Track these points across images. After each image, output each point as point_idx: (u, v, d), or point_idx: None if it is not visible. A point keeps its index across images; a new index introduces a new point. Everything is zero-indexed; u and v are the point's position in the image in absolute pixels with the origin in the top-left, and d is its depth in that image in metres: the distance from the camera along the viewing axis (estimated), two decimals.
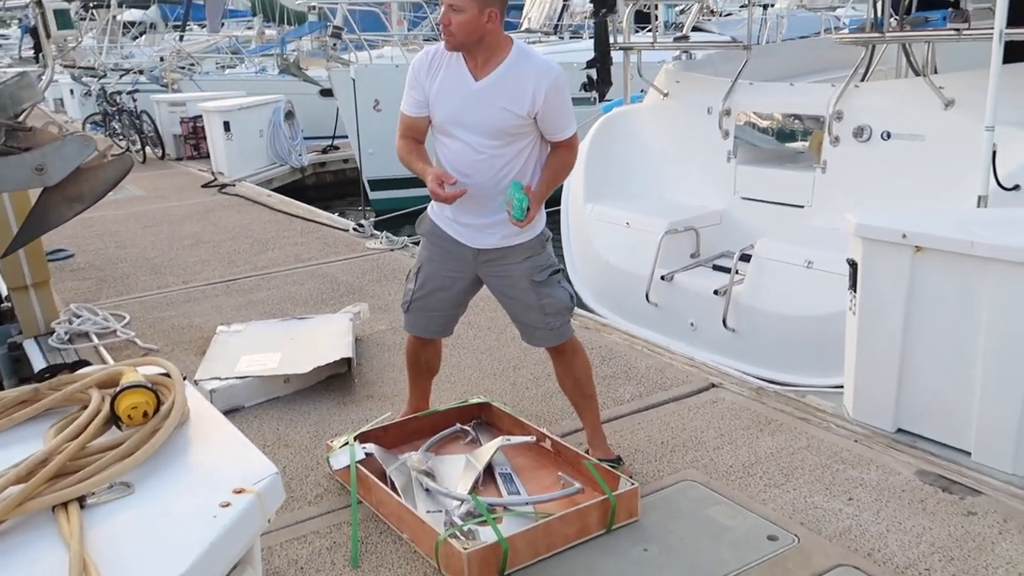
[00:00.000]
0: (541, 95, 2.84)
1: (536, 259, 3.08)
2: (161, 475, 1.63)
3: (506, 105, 2.86)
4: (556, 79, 2.87)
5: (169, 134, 12.65)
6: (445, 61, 2.93)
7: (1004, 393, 3.14)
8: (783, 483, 3.15)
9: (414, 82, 2.98)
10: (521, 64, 2.88)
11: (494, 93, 2.87)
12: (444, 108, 2.94)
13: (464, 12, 2.76)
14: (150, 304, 5.56)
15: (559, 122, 2.95)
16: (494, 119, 2.88)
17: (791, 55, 7.71)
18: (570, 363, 3.22)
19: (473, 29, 2.79)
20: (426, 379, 3.53)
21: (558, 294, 3.10)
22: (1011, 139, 4.44)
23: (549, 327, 3.10)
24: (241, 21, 25.17)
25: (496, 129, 2.90)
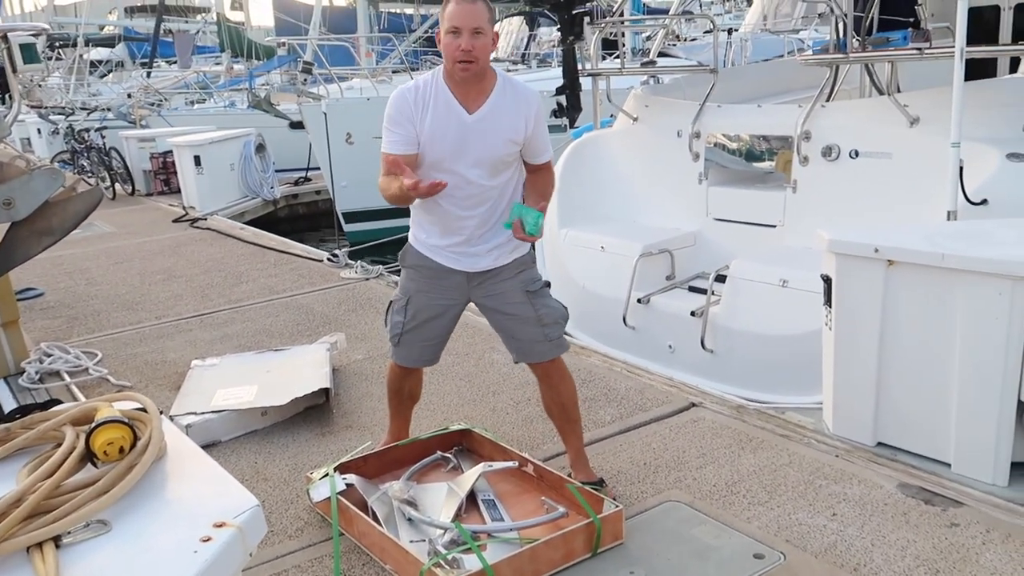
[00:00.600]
0: (531, 120, 2.89)
1: (528, 272, 3.11)
2: (139, 512, 1.58)
3: (507, 134, 2.88)
4: (539, 104, 2.94)
5: (139, 170, 12.57)
6: (432, 96, 2.87)
7: (980, 404, 3.16)
8: (767, 500, 3.14)
9: (400, 120, 2.88)
10: (509, 91, 2.90)
11: (492, 124, 2.87)
12: (440, 146, 2.88)
13: (487, 35, 2.77)
14: (122, 341, 5.49)
15: (542, 144, 3.00)
16: (494, 150, 2.88)
17: (757, 77, 7.82)
18: (558, 386, 3.19)
19: (489, 52, 2.81)
20: (408, 407, 3.49)
21: (553, 304, 3.11)
22: (977, 154, 4.52)
23: (548, 338, 3.08)
24: (209, 57, 25.18)
25: (495, 159, 2.90)
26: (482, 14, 2.75)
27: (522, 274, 3.09)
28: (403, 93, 2.92)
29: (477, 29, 2.73)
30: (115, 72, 24.52)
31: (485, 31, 2.75)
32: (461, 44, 2.73)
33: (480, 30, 2.74)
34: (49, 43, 19.41)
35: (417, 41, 20.27)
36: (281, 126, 13.10)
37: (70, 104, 15.39)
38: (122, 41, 27.51)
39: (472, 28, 2.72)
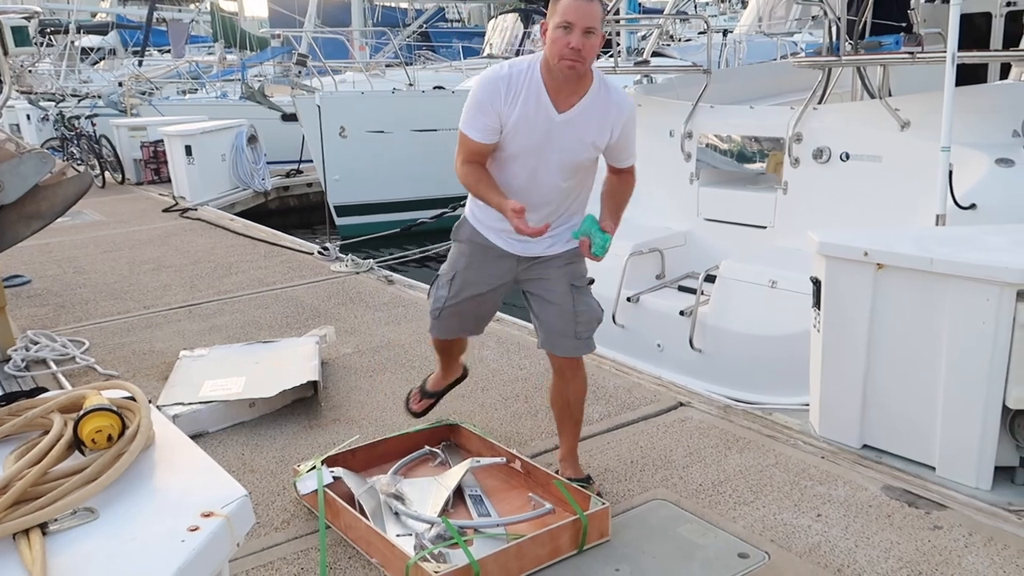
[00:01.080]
0: (619, 127, 2.82)
1: (577, 266, 3.06)
2: (126, 500, 1.58)
3: (591, 138, 2.82)
4: (632, 112, 2.87)
5: (129, 159, 12.50)
6: (524, 88, 2.77)
7: (965, 408, 3.19)
8: (752, 500, 3.16)
9: (486, 107, 2.78)
10: (603, 95, 2.82)
11: (579, 126, 2.80)
12: (523, 139, 2.80)
13: (597, 36, 2.68)
14: (110, 330, 5.46)
15: (628, 150, 2.93)
16: (576, 152, 2.83)
17: (750, 79, 7.84)
18: (570, 382, 3.14)
19: (595, 54, 2.72)
20: (455, 356, 3.51)
21: (592, 304, 3.08)
22: (966, 159, 4.55)
23: (577, 336, 3.04)
24: (202, 46, 25.06)
25: (575, 162, 2.86)
26: (596, 14, 2.66)
27: (570, 267, 3.04)
28: (495, 80, 2.79)
29: (590, 28, 2.63)
30: (107, 60, 24.38)
31: (596, 31, 2.66)
32: (571, 42, 2.62)
33: (592, 30, 2.64)
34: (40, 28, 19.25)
35: (411, 35, 20.22)
36: (274, 118, 13.06)
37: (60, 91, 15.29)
38: (114, 28, 27.35)
39: (585, 27, 2.62)
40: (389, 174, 11.04)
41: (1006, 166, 4.70)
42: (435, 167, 11.06)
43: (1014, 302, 3.02)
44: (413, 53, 19.66)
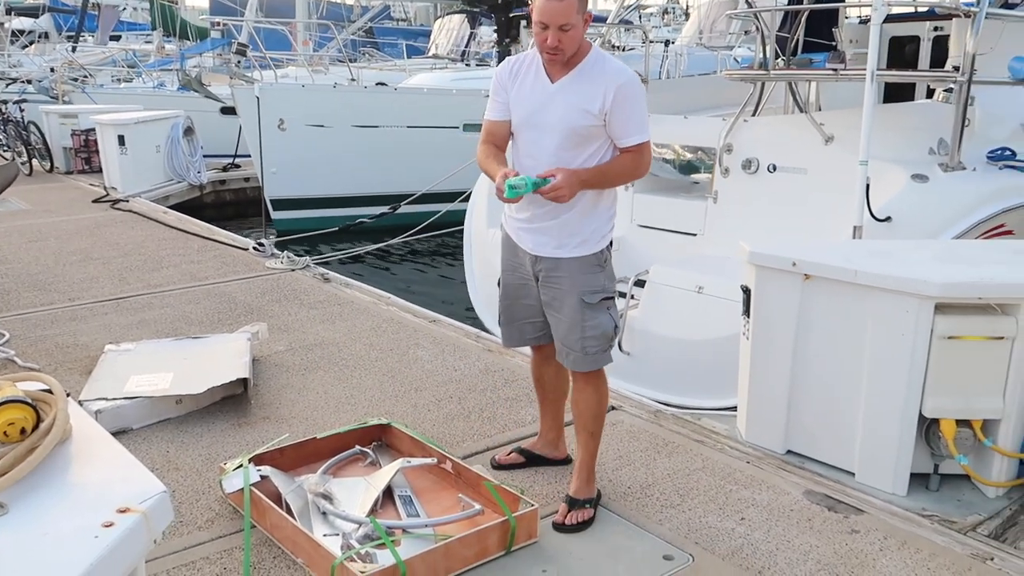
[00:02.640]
0: (611, 95, 2.82)
1: (591, 279, 2.99)
2: (39, 495, 1.54)
3: (579, 103, 2.85)
4: (628, 81, 2.85)
5: (59, 147, 12.12)
6: (526, 67, 2.98)
7: (883, 416, 3.29)
8: (679, 503, 3.21)
9: (498, 88, 3.01)
10: (597, 65, 2.89)
11: (569, 91, 2.88)
12: (521, 109, 2.96)
13: (575, 27, 2.78)
14: (32, 322, 5.29)
15: (626, 126, 2.89)
16: (567, 118, 2.87)
17: (687, 90, 7.98)
18: (582, 391, 3.10)
19: (579, 39, 2.82)
20: (550, 399, 3.39)
21: (603, 320, 3.01)
22: (884, 173, 4.71)
23: (585, 351, 3.00)
24: (140, 35, 24.46)
25: (567, 128, 2.88)
26: (568, 11, 2.75)
27: (584, 280, 2.97)
28: (504, 64, 3.05)
29: (564, 25, 2.75)
30: (38, 44, 23.62)
31: (573, 24, 2.77)
32: (548, 39, 2.78)
33: (567, 26, 2.76)
34: None
35: (356, 32, 20.05)
36: (212, 110, 12.81)
37: None
38: (47, 12, 26.52)
39: (559, 24, 2.75)
40: (328, 169, 10.92)
41: (921, 181, 4.88)
42: (375, 163, 10.99)
43: (932, 314, 3.13)
44: (357, 50, 19.50)
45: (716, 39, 15.52)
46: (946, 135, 5.15)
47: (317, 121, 10.78)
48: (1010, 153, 5.40)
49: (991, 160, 5.37)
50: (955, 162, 5.05)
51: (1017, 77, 5.09)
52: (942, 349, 3.15)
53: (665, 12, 28.03)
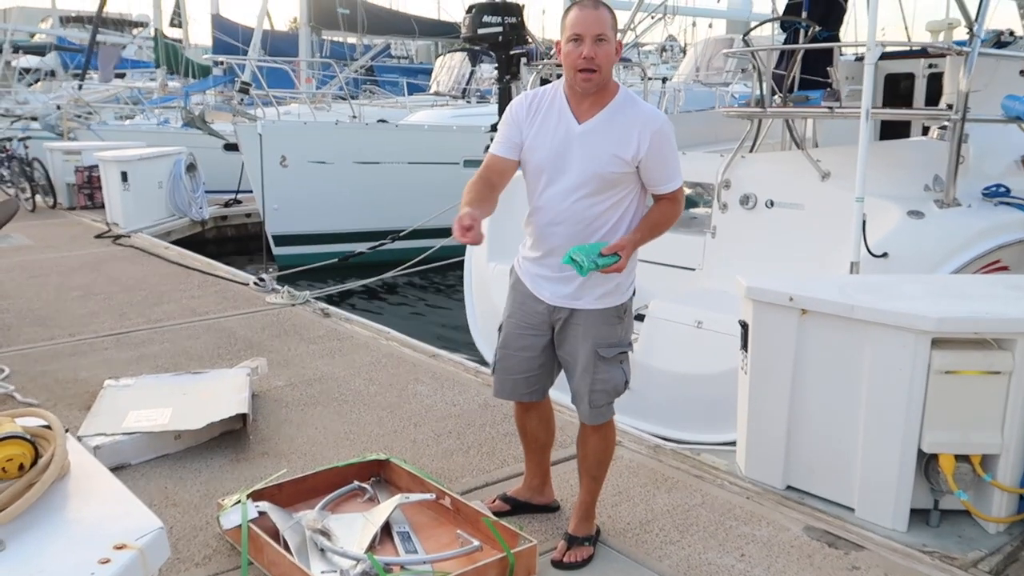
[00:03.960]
0: (646, 141, 2.69)
1: (610, 331, 2.90)
2: (36, 531, 1.54)
3: (612, 149, 2.71)
4: (663, 126, 2.73)
5: (62, 183, 12.21)
6: (546, 104, 2.81)
7: (883, 451, 3.28)
8: (678, 540, 3.20)
9: (510, 121, 2.83)
10: (628, 108, 2.75)
11: (600, 136, 2.73)
12: (542, 151, 2.79)
13: (610, 42, 2.64)
14: (33, 357, 5.30)
15: (663, 172, 2.78)
16: (596, 163, 2.72)
17: (685, 126, 8.04)
18: (589, 437, 3.05)
19: (612, 61, 2.67)
20: (534, 449, 3.28)
21: (614, 375, 2.93)
22: (880, 210, 4.75)
23: (591, 404, 2.93)
24: (144, 72, 24.71)
25: (595, 175, 2.73)
26: (606, 20, 2.64)
27: (600, 331, 2.88)
28: (521, 97, 2.87)
29: (600, 36, 2.62)
30: (44, 81, 23.86)
31: (608, 38, 2.64)
32: (583, 51, 2.63)
33: (603, 36, 2.62)
34: None
35: (358, 70, 20.27)
36: (216, 147, 12.92)
37: None
38: (54, 50, 26.82)
39: (595, 35, 2.62)
40: (329, 205, 10.99)
41: (917, 218, 4.91)
42: (376, 199, 11.05)
43: (929, 349, 3.14)
44: (359, 87, 19.70)
45: (713, 76, 15.70)
46: (941, 172, 5.19)
47: (319, 158, 10.87)
48: (1005, 190, 5.44)
49: (986, 197, 5.41)
50: (950, 199, 5.09)
51: (1010, 115, 5.15)
52: (940, 384, 3.15)
53: (663, 50, 28.35)
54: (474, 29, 12.43)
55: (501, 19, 11.33)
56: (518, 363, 3.03)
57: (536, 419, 3.22)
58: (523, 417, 3.23)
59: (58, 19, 34.91)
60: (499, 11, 12.21)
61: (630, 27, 8.33)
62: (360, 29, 19.09)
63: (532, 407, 3.17)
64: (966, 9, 5.26)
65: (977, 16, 5.20)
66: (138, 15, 35.73)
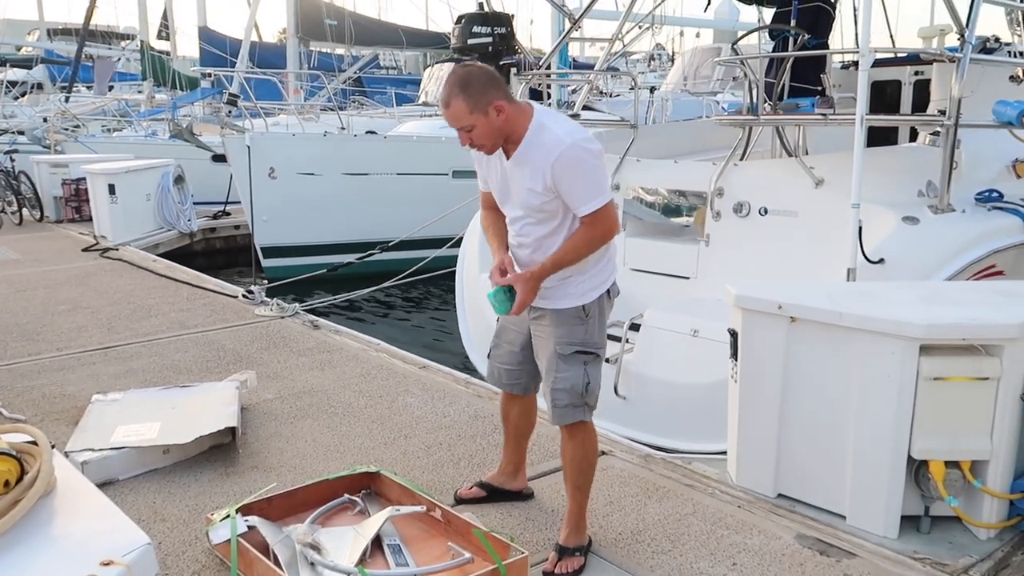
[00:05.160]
0: (549, 171, 2.81)
1: (570, 331, 3.00)
2: (22, 548, 1.53)
3: (527, 183, 2.89)
4: (564, 152, 2.79)
5: (49, 196, 12.17)
6: None
7: (873, 458, 3.29)
8: (670, 549, 3.19)
9: (475, 161, 3.13)
10: (535, 139, 2.87)
11: (518, 171, 2.92)
12: (493, 186, 3.09)
13: (478, 124, 2.82)
14: (19, 372, 5.26)
15: (574, 197, 2.86)
16: (522, 196, 2.93)
17: (675, 135, 8.08)
18: (566, 443, 3.10)
19: (494, 130, 2.84)
20: (513, 437, 3.49)
21: (572, 375, 2.99)
22: (875, 216, 4.76)
23: (553, 403, 3.03)
24: (132, 84, 24.67)
25: (527, 205, 2.94)
26: (460, 114, 2.80)
27: (561, 331, 3.00)
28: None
29: (464, 128, 2.83)
30: (31, 94, 23.78)
31: (473, 123, 2.81)
32: (463, 140, 2.89)
33: (467, 127, 2.82)
34: None
35: (346, 81, 20.29)
36: (204, 158, 12.89)
37: None
38: (40, 63, 26.75)
39: (459, 128, 2.84)
40: (318, 217, 10.97)
41: (912, 224, 4.92)
42: (365, 210, 11.04)
43: (917, 356, 3.15)
44: (348, 98, 19.70)
45: (700, 85, 15.76)
46: (934, 178, 5.22)
47: (307, 169, 10.86)
48: (997, 195, 5.48)
49: (979, 202, 5.45)
50: (944, 204, 5.11)
51: (1001, 120, 5.18)
52: (929, 390, 3.16)
53: (651, 59, 28.46)
54: (464, 39, 12.49)
55: (491, 29, 11.39)
56: (504, 354, 3.27)
57: (518, 410, 3.42)
58: (507, 406, 3.44)
59: (45, 32, 34.85)
60: (489, 22, 12.27)
61: (618, 36, 8.36)
62: (348, 40, 19.12)
63: (516, 399, 3.38)
64: (957, 15, 5.30)
65: (968, 22, 5.24)
66: (125, 27, 35.70)
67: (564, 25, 10.09)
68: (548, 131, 2.87)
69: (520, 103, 2.93)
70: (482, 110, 2.79)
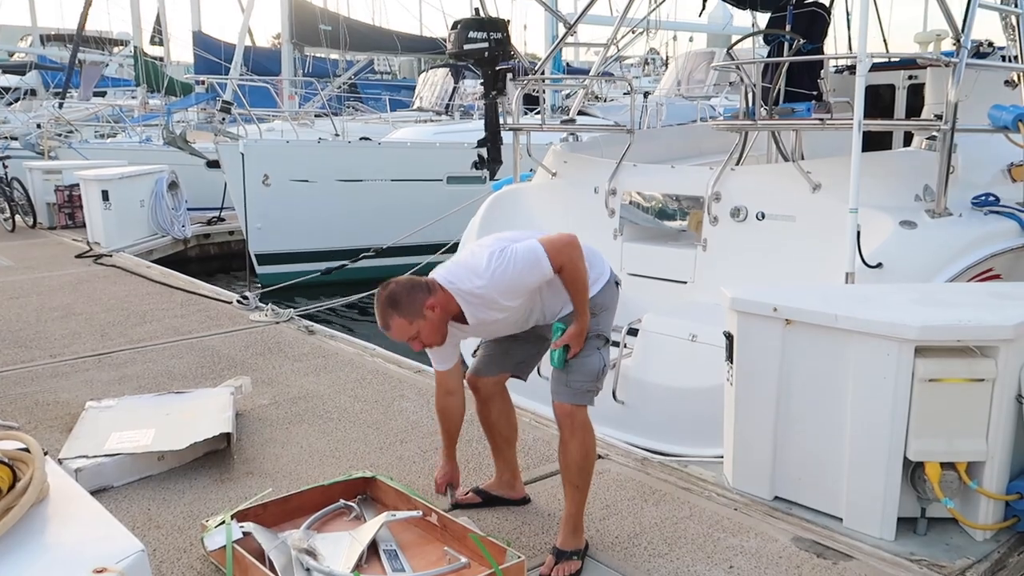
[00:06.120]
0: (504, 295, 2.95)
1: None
2: (15, 556, 1.52)
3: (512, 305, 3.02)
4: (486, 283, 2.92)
5: (42, 202, 12.13)
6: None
7: (869, 460, 3.29)
8: (667, 552, 3.18)
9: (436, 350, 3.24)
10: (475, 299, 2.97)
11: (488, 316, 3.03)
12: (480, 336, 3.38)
13: (420, 334, 2.95)
14: (12, 379, 5.24)
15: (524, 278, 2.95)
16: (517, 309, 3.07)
17: (671, 139, 8.09)
18: (567, 442, 3.08)
19: (438, 325, 2.97)
20: (500, 445, 3.51)
21: (590, 358, 3.07)
22: (873, 220, 4.76)
23: (570, 385, 3.05)
24: (125, 90, 24.64)
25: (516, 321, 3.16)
26: (403, 328, 2.92)
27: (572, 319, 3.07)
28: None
29: (412, 338, 2.95)
30: (23, 100, 23.73)
31: (416, 332, 2.94)
32: (414, 347, 3.04)
33: (412, 337, 2.95)
34: None
35: (341, 87, 20.28)
36: (198, 164, 12.86)
37: None
38: (34, 69, 26.70)
39: (403, 340, 2.97)
40: (312, 223, 10.96)
41: (909, 228, 4.93)
42: (360, 217, 11.03)
43: (912, 358, 3.15)
44: (343, 104, 19.69)
45: (694, 89, 15.81)
46: (931, 182, 5.22)
47: (301, 176, 10.85)
48: (994, 198, 5.49)
49: (976, 206, 5.46)
50: (942, 208, 5.12)
51: (997, 124, 5.19)
52: (924, 392, 3.16)
53: (645, 63, 28.52)
54: (460, 45, 12.45)
55: (487, 35, 11.36)
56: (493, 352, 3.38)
57: (496, 411, 3.43)
58: (482, 410, 3.43)
59: (38, 37, 34.78)
60: (485, 27, 12.24)
61: (613, 41, 8.36)
62: (342, 46, 19.09)
63: (490, 399, 3.40)
64: (953, 20, 5.31)
65: (963, 27, 5.25)
66: (118, 33, 35.61)
67: (558, 30, 10.11)
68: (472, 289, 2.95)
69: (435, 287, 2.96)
70: (420, 315, 2.92)
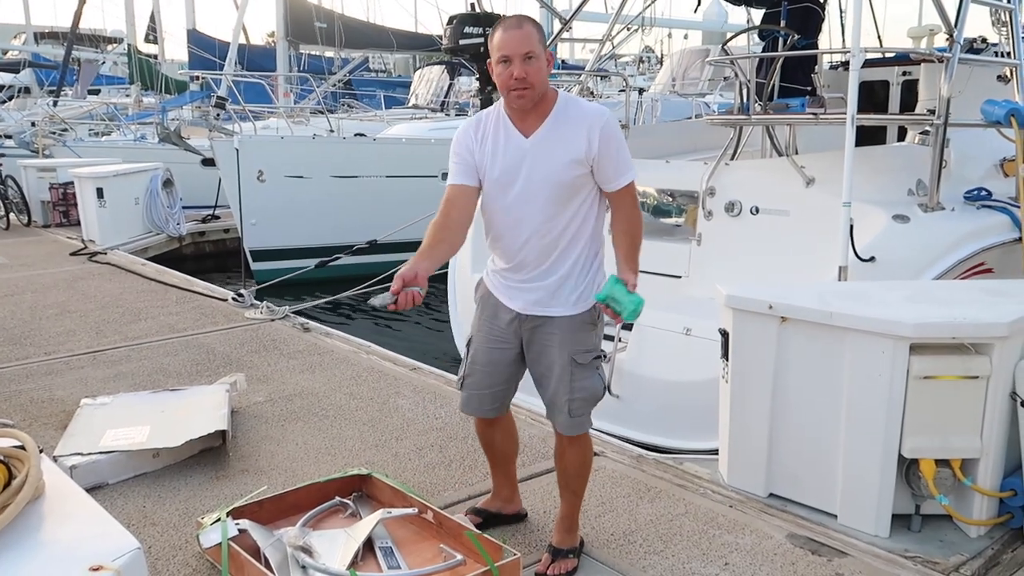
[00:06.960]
0: (596, 138, 2.68)
1: (584, 337, 2.87)
2: (10, 554, 1.51)
3: (566, 156, 2.70)
4: (609, 120, 2.71)
5: (37, 200, 12.10)
6: (491, 126, 2.80)
7: (863, 457, 3.29)
8: (662, 549, 3.19)
9: (459, 149, 2.82)
10: (571, 111, 2.74)
11: (549, 143, 2.72)
12: (495, 171, 2.78)
13: (539, 59, 2.65)
14: (6, 377, 5.23)
15: (616, 167, 2.74)
16: (554, 173, 2.71)
17: (666, 135, 8.09)
18: (565, 451, 3.01)
19: (544, 75, 2.68)
20: (501, 462, 3.29)
21: (593, 383, 2.90)
22: (866, 215, 4.78)
23: (571, 413, 2.89)
24: (119, 88, 24.57)
25: (555, 184, 2.72)
26: (531, 37, 2.64)
27: (576, 338, 2.85)
28: (464, 126, 2.86)
29: (528, 54, 2.62)
30: (18, 98, 23.65)
31: (537, 54, 2.64)
32: (514, 72, 2.64)
33: (531, 54, 2.63)
34: None
35: (336, 84, 20.24)
36: (193, 162, 12.83)
37: None
38: (28, 67, 26.61)
39: (523, 54, 2.62)
40: (307, 219, 10.95)
41: (902, 222, 4.95)
42: (354, 213, 11.01)
43: (907, 355, 3.15)
44: (338, 101, 19.66)
45: (689, 86, 15.82)
46: (924, 176, 5.24)
47: (296, 172, 10.83)
48: (986, 193, 5.52)
49: (968, 200, 5.48)
50: (934, 202, 5.14)
51: (990, 119, 5.21)
52: (919, 389, 3.17)
53: (640, 60, 28.52)
54: (455, 40, 12.44)
55: (483, 30, 11.34)
56: (484, 378, 3.02)
57: (501, 433, 3.22)
58: (487, 432, 3.22)
59: (32, 35, 34.67)
60: (480, 22, 12.22)
61: (608, 38, 8.36)
62: (338, 43, 19.07)
63: (495, 421, 3.17)
64: (947, 16, 5.33)
65: (956, 23, 5.27)
66: (113, 31, 35.51)
67: (554, 27, 10.10)
68: (582, 101, 2.79)
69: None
70: (544, 46, 2.67)
